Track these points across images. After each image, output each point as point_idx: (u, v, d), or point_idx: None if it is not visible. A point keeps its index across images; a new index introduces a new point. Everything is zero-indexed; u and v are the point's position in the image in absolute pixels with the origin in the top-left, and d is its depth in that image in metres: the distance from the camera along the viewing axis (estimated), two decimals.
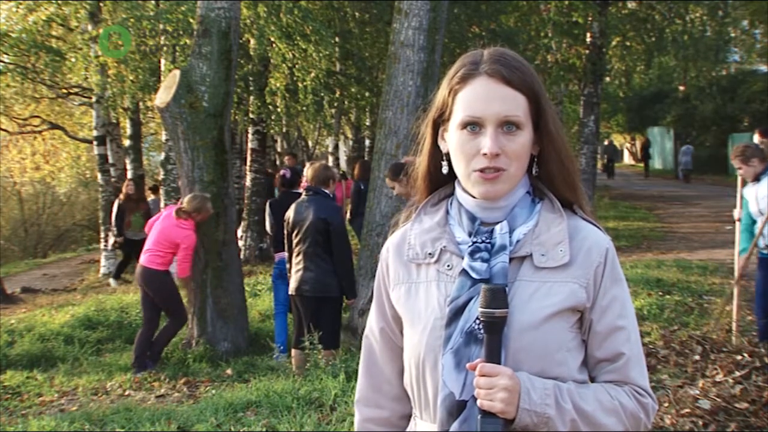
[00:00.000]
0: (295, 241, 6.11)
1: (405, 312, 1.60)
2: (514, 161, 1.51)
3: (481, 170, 1.50)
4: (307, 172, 6.35)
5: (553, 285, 1.50)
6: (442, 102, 1.59)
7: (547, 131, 1.55)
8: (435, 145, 1.62)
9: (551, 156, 1.56)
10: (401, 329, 1.64)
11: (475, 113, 1.50)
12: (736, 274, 6.19)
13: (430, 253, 1.58)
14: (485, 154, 1.48)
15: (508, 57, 1.54)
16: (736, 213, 6.29)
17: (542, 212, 1.56)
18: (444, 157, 1.60)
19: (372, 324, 1.71)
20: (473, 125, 1.51)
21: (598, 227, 1.58)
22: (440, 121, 1.60)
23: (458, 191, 1.60)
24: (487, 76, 1.51)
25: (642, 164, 34.30)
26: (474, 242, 1.53)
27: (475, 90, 1.52)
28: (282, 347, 6.98)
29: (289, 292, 6.21)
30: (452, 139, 1.55)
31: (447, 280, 1.54)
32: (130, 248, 12.30)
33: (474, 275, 1.50)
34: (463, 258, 1.53)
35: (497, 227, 1.54)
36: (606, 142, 34.62)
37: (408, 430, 1.64)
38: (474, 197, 1.55)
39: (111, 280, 13.27)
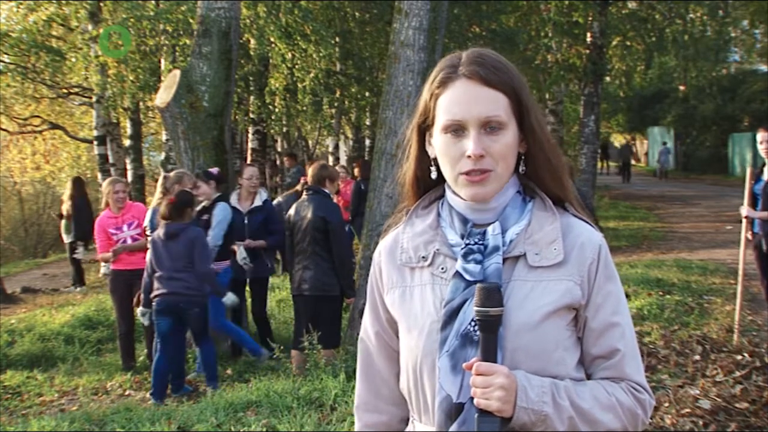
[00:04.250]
0: (295, 241, 6.15)
1: (400, 316, 1.59)
2: (500, 161, 1.51)
3: (467, 173, 1.50)
4: (308, 171, 6.42)
5: (549, 284, 1.50)
6: (425, 107, 1.59)
7: (530, 129, 1.54)
8: (422, 150, 1.62)
9: (537, 153, 1.56)
10: (397, 333, 1.63)
11: (456, 116, 1.50)
12: (740, 272, 6.19)
13: (423, 257, 1.58)
14: (469, 157, 1.48)
15: (486, 57, 1.54)
16: (744, 210, 6.27)
17: (534, 211, 1.56)
18: (432, 162, 1.60)
19: (367, 328, 1.70)
20: (456, 128, 1.51)
21: (589, 224, 1.58)
22: (425, 127, 1.60)
23: (448, 193, 1.59)
24: (465, 78, 1.51)
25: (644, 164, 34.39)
26: (467, 244, 1.53)
27: (454, 93, 1.52)
28: (257, 348, 6.85)
29: (291, 292, 6.26)
30: (437, 143, 1.55)
31: (441, 282, 1.54)
32: None
33: (468, 277, 1.49)
34: (456, 260, 1.53)
35: (489, 228, 1.53)
36: (620, 143, 34.53)
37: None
38: (464, 199, 1.55)
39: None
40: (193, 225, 6.10)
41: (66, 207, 12.38)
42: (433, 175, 1.60)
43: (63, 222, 12.54)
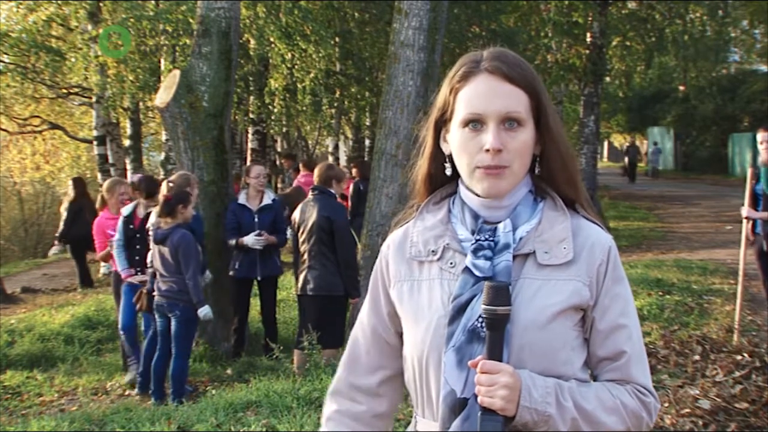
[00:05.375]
0: (300, 241, 6.17)
1: (407, 309, 1.60)
2: (517, 158, 1.51)
3: (484, 167, 1.50)
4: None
5: (557, 283, 1.50)
6: (444, 101, 1.59)
7: (548, 129, 1.55)
8: (437, 147, 1.63)
9: (553, 154, 1.57)
10: (395, 326, 1.64)
11: (477, 110, 1.51)
12: (740, 272, 6.19)
13: (433, 251, 1.58)
14: (488, 150, 1.49)
15: (509, 55, 1.56)
16: (745, 211, 6.28)
17: (545, 210, 1.57)
18: (446, 159, 1.61)
19: (363, 319, 1.71)
20: (475, 122, 1.51)
21: (600, 226, 1.59)
22: (442, 123, 1.61)
23: (462, 189, 1.59)
24: (488, 73, 1.52)
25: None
26: (477, 240, 1.53)
27: (476, 87, 1.53)
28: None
29: (295, 292, 6.27)
30: (454, 138, 1.56)
31: (450, 277, 1.54)
32: None
33: (477, 273, 1.50)
34: (466, 256, 1.53)
35: (500, 225, 1.54)
36: (628, 143, 34.38)
37: (409, 429, 1.64)
38: (478, 196, 1.55)
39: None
40: (180, 227, 5.93)
41: (63, 206, 12.42)
42: (448, 172, 1.61)
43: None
